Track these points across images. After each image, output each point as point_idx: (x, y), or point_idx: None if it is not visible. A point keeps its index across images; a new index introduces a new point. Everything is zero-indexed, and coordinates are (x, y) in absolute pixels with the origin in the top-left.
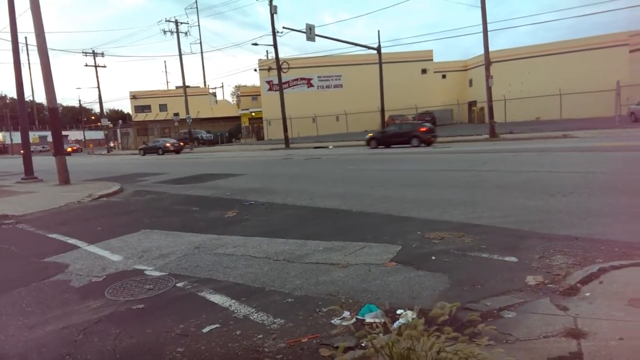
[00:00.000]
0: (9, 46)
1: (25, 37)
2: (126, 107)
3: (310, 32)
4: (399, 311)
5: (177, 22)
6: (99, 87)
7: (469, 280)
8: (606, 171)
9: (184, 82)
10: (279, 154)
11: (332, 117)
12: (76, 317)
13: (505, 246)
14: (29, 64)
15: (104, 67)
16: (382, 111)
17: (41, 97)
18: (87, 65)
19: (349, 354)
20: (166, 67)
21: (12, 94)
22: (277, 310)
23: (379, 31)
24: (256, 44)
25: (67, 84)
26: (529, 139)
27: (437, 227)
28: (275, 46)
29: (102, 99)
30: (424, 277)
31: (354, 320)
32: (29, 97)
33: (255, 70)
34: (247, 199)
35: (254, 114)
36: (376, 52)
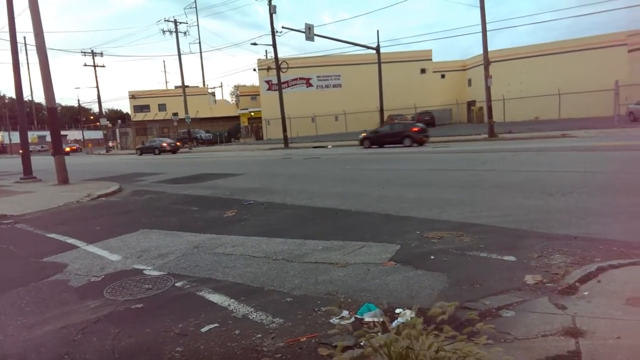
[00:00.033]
0: (8, 46)
1: (24, 37)
2: (125, 107)
3: (309, 32)
4: (398, 310)
5: (176, 22)
6: (97, 86)
7: (468, 279)
8: (605, 171)
9: (183, 82)
10: (278, 153)
11: (331, 116)
12: (75, 317)
13: (504, 245)
14: (27, 63)
15: (103, 66)
16: (381, 111)
17: (40, 97)
18: (86, 65)
19: (348, 353)
20: (165, 66)
21: (11, 93)
22: (276, 309)
23: (378, 31)
24: (255, 44)
25: (66, 83)
26: (528, 139)
27: (436, 226)
28: (274, 46)
29: (101, 99)
30: (423, 276)
31: (353, 319)
32: (27, 96)
33: (254, 70)
34: (246, 198)
35: (253, 114)
36: (375, 51)
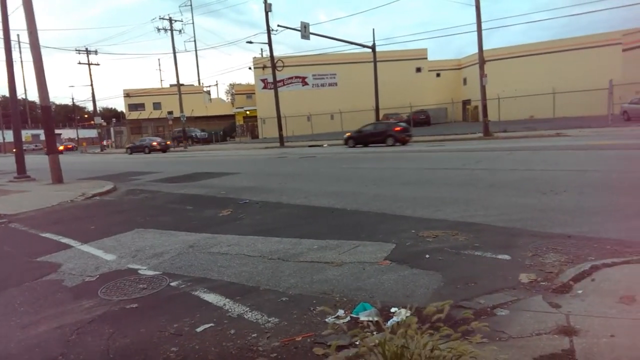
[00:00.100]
0: (1, 44)
1: (17, 35)
2: (120, 106)
3: (304, 31)
4: (393, 309)
5: (171, 20)
6: (92, 85)
7: (463, 278)
8: (599, 169)
9: (178, 81)
10: (274, 152)
11: (326, 115)
12: (69, 317)
13: (498, 244)
14: (21, 61)
15: (98, 65)
16: (377, 110)
17: (34, 95)
18: (80, 63)
19: (343, 352)
20: (160, 65)
21: (4, 91)
22: (272, 309)
23: (373, 29)
24: (251, 42)
25: (60, 82)
26: (523, 138)
27: (431, 225)
28: (269, 44)
29: (96, 97)
30: (418, 275)
31: (349, 318)
32: (21, 95)
33: (249, 68)
34: (242, 197)
35: (248, 113)
36: (371, 50)
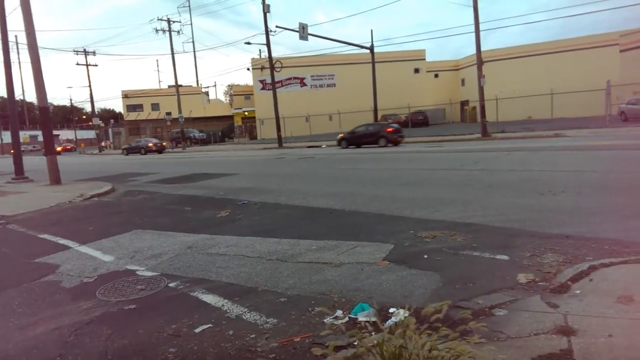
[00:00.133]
0: None
1: (15, 36)
2: (118, 106)
3: (303, 31)
4: (392, 310)
5: (169, 21)
6: (90, 86)
7: (461, 278)
8: (597, 170)
9: (177, 81)
10: (272, 153)
11: (325, 116)
12: (67, 318)
13: (496, 244)
14: (19, 62)
15: (96, 65)
16: (375, 110)
17: (32, 96)
18: (78, 64)
19: (341, 352)
20: (158, 66)
21: (2, 92)
22: (270, 309)
23: (371, 30)
24: (249, 43)
25: (58, 83)
26: (521, 138)
27: (429, 225)
28: (268, 45)
29: (94, 98)
30: (416, 275)
31: (347, 319)
32: (19, 96)
33: (248, 69)
34: (240, 198)
35: (246, 113)
36: (369, 51)
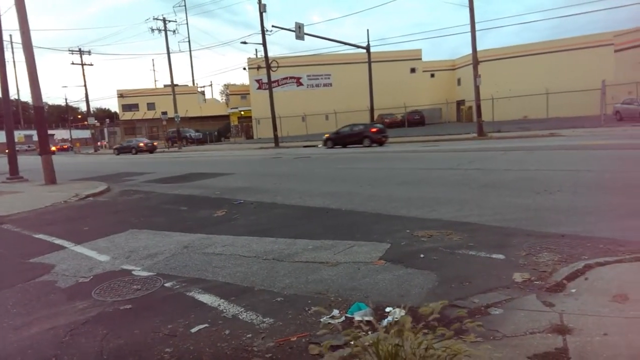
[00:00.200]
0: None
1: (10, 35)
2: (113, 106)
3: (299, 31)
4: (388, 309)
5: (165, 21)
6: (85, 85)
7: (457, 277)
8: (592, 169)
9: (172, 81)
10: (269, 152)
11: (321, 116)
12: (63, 318)
13: (492, 244)
14: (14, 62)
15: (91, 65)
16: (372, 110)
17: (26, 96)
18: (73, 63)
19: (337, 352)
20: (154, 65)
21: None
22: (267, 309)
23: (368, 30)
24: (245, 43)
25: (53, 82)
26: (517, 138)
27: (425, 225)
28: (264, 45)
29: (89, 98)
30: (413, 275)
31: (343, 318)
32: (14, 95)
33: (244, 68)
34: (236, 198)
35: (243, 113)
36: (365, 51)
